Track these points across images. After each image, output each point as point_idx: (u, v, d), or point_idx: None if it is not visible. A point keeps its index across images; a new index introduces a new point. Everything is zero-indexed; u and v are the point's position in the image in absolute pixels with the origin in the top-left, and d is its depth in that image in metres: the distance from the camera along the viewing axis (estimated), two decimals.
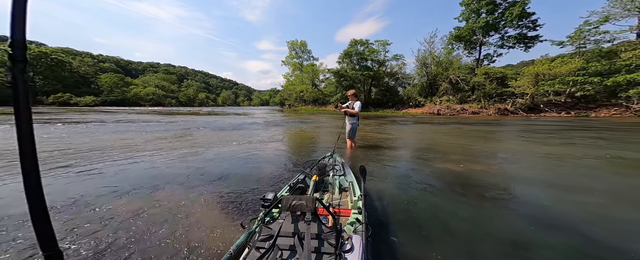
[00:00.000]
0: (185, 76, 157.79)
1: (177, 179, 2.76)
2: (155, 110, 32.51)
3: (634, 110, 14.19)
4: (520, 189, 2.47)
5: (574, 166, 3.39)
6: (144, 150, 4.39)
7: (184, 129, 8.37)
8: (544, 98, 17.64)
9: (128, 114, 18.02)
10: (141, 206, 1.99)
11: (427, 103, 24.44)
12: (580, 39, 21.62)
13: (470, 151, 4.50)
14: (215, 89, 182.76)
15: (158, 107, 57.50)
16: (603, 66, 17.81)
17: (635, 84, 14.62)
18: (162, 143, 5.30)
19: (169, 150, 4.45)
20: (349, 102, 4.35)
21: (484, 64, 25.73)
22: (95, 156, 3.86)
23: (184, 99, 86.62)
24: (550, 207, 2.01)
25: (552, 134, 6.91)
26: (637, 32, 19.57)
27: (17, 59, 0.47)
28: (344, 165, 2.46)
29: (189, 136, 6.57)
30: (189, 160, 3.72)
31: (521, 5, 22.63)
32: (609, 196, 2.25)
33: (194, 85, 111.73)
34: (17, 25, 0.46)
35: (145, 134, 6.88)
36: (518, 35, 24.17)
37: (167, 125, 9.66)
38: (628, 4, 19.46)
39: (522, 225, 1.71)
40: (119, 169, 3.16)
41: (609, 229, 1.65)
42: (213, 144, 5.20)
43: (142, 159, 3.72)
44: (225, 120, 13.86)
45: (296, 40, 43.98)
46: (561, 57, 20.59)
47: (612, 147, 4.67)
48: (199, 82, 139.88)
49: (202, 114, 21.17)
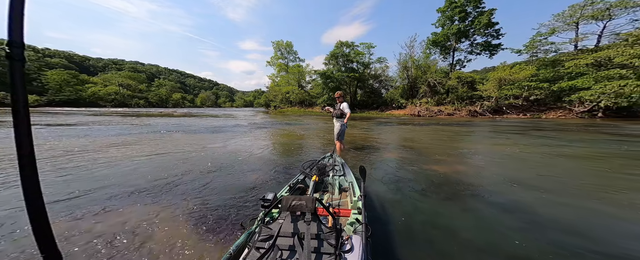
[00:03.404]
0: (156, 75, 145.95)
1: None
2: (117, 111, 29.56)
3: (575, 113, 17.03)
4: (495, 184, 2.92)
5: (523, 157, 4.36)
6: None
7: (145, 134, 7.39)
8: (506, 101, 20.22)
9: (78, 116, 16.22)
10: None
11: (408, 105, 26.29)
12: (533, 48, 24.96)
13: (453, 150, 5.22)
14: (193, 90, 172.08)
15: (122, 108, 53.13)
16: (549, 73, 20.94)
17: (576, 89, 17.56)
18: (107, 150, 4.72)
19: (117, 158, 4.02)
20: (337, 103, 4.29)
21: (456, 69, 28.28)
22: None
23: (156, 100, 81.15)
24: (515, 194, 2.60)
25: (512, 133, 8.13)
26: (574, 44, 23.25)
27: (15, 57, 0.46)
28: (344, 166, 2.48)
29: (147, 142, 5.81)
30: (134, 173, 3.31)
31: (488, 15, 25.34)
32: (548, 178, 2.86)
33: (167, 85, 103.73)
34: (15, 25, 0.46)
35: (79, 139, 6.01)
36: (484, 42, 27.03)
37: (125, 129, 8.64)
38: (567, 19, 22.96)
39: (506, 221, 1.99)
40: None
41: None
42: (176, 152, 4.65)
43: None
44: (202, 122, 12.84)
45: (281, 40, 43.66)
46: (518, 64, 23.65)
47: (556, 145, 5.70)
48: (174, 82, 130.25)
49: (177, 116, 20.11)
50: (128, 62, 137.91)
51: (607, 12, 20.60)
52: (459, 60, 29.16)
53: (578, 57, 20.47)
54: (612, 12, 20.40)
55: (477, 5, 26.22)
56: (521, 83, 19.79)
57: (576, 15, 22.03)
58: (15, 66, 0.47)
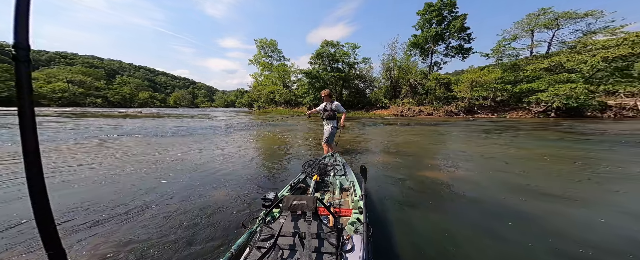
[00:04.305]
0: (118, 71, 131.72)
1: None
2: (63, 112, 25.11)
3: (533, 113, 19.50)
4: (489, 183, 3.10)
5: (489, 151, 4.50)
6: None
7: (74, 140, 6.14)
8: (477, 102, 22.34)
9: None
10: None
11: (391, 105, 27.60)
12: (498, 52, 27.68)
13: (444, 150, 5.55)
14: (165, 88, 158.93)
15: (72, 108, 47.36)
16: (512, 76, 23.55)
17: (534, 91, 20.07)
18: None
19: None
20: (324, 103, 3.82)
21: (434, 70, 30.26)
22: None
23: (117, 99, 73.85)
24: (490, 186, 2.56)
25: (484, 133, 9.08)
26: (530, 50, 26.35)
27: (21, 59, 0.47)
28: (345, 165, 2.48)
29: (77, 151, 4.73)
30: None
31: (462, 19, 27.40)
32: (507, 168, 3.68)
33: (131, 83, 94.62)
34: (20, 28, 0.47)
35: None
36: (458, 46, 29.27)
37: (48, 133, 7.25)
38: (525, 27, 25.87)
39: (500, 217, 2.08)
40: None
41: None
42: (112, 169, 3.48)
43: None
44: (170, 124, 11.47)
45: (265, 38, 42.33)
46: (487, 67, 26.14)
47: (516, 141, 6.50)
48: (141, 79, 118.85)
49: (141, 117, 18.26)
50: (82, 57, 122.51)
51: (555, 22, 23.66)
52: (436, 63, 31.22)
53: (535, 62, 23.32)
54: (560, 22, 23.49)
55: (451, 10, 28.15)
56: (489, 85, 22.01)
57: (532, 23, 24.93)
58: (21, 68, 0.48)
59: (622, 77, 17.85)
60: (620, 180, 3.22)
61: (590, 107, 17.08)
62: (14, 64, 0.47)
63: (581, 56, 19.23)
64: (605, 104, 16.94)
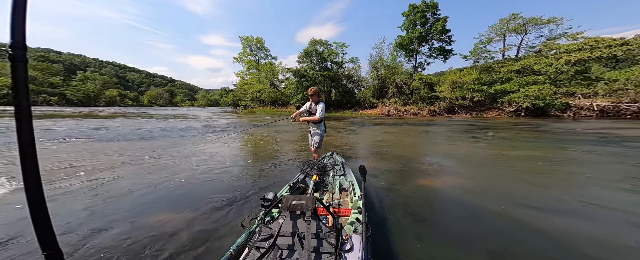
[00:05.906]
0: (80, 67, 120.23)
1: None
2: (4, 111, 21.98)
3: (506, 113, 21.10)
4: (462, 178, 3.38)
5: (466, 144, 4.95)
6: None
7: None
8: (457, 102, 23.66)
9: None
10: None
11: (379, 105, 28.28)
12: (476, 55, 29.45)
13: (435, 148, 5.84)
14: (138, 86, 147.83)
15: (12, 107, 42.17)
16: (487, 78, 25.25)
17: (506, 92, 21.71)
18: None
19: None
20: (309, 102, 3.23)
21: (418, 71, 31.43)
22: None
23: (79, 97, 68.19)
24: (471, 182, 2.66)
25: (473, 132, 9.69)
26: (502, 54, 28.39)
27: (17, 59, 0.47)
28: (344, 165, 2.49)
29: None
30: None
31: (443, 21, 28.65)
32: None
33: (97, 79, 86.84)
34: (17, 28, 0.46)
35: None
36: (440, 47, 30.65)
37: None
38: (498, 31, 27.79)
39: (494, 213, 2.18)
40: None
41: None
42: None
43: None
44: (138, 125, 10.38)
45: (251, 36, 41.03)
46: (466, 69, 27.74)
47: (488, 137, 7.15)
48: (108, 76, 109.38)
49: (103, 117, 16.54)
50: (33, 49, 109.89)
51: (523, 27, 25.71)
52: (420, 63, 32.45)
53: (508, 64, 25.20)
54: (527, 27, 25.58)
55: (434, 12, 29.33)
56: (468, 86, 23.42)
57: (504, 27, 26.86)
58: (18, 67, 0.48)
59: (581, 79, 19.97)
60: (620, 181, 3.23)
61: (554, 107, 18.93)
62: (11, 64, 0.47)
63: (548, 59, 21.16)
64: (567, 104, 18.86)
